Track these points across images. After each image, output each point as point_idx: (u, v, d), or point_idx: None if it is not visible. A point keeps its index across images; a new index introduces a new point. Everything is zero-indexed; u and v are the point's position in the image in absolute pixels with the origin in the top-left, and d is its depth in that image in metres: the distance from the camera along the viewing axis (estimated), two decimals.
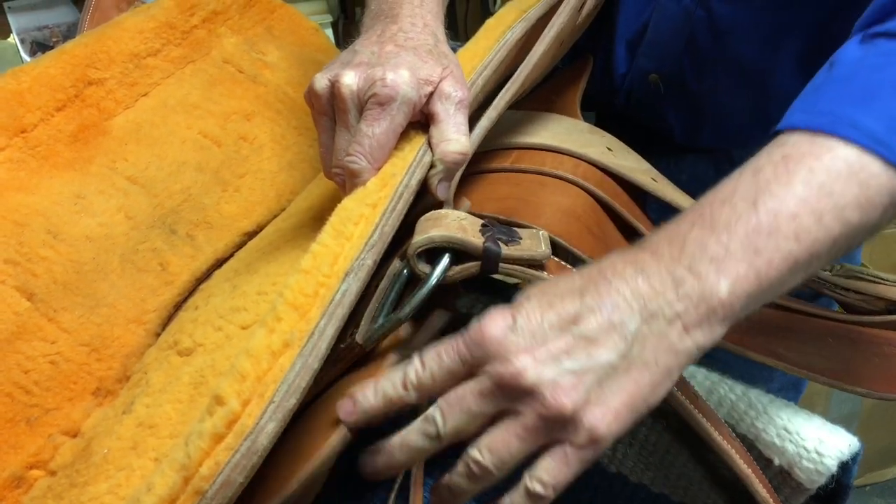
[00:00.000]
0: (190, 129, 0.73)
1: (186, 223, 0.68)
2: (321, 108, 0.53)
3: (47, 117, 0.68)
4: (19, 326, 0.58)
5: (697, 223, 0.44)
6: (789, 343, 0.61)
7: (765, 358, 0.58)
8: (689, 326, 0.43)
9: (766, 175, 0.45)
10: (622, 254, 0.45)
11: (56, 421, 0.57)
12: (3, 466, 0.54)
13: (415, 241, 0.45)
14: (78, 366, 0.59)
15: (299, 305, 0.40)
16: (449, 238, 0.45)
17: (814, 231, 0.44)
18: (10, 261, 0.60)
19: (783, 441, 0.53)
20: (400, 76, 0.51)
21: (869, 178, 0.44)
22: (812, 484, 0.53)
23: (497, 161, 0.67)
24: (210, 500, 0.36)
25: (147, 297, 0.63)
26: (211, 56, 0.80)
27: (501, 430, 0.42)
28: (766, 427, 0.54)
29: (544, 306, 0.42)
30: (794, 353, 0.60)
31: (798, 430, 0.53)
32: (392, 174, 0.49)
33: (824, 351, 0.62)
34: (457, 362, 0.43)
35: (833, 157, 0.45)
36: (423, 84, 0.52)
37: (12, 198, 0.63)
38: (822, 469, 0.52)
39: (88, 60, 0.72)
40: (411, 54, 0.53)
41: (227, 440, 0.37)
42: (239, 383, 0.38)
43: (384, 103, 0.50)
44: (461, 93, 0.53)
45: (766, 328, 0.62)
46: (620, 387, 0.42)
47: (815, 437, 0.53)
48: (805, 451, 0.52)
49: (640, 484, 0.56)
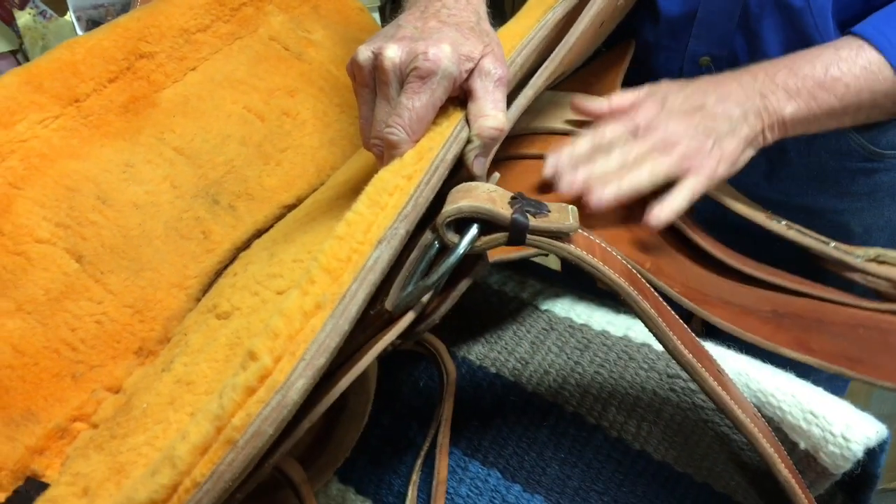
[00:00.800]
0: (235, 104, 0.75)
1: (229, 194, 0.70)
2: (363, 79, 0.55)
3: (100, 88, 0.70)
4: (68, 286, 0.61)
5: (788, 67, 0.69)
6: (821, 337, 0.61)
7: (795, 352, 0.58)
8: (765, 123, 0.68)
9: (842, 54, 0.69)
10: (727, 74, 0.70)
11: (99, 377, 0.59)
12: (49, 418, 0.56)
13: (444, 210, 0.46)
14: (122, 326, 0.61)
15: (332, 270, 0.42)
16: (478, 208, 0.46)
17: (852, 97, 0.69)
18: (61, 224, 0.63)
19: (809, 425, 0.53)
20: (442, 51, 0.52)
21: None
22: (837, 469, 0.53)
23: (536, 146, 0.68)
24: (241, 450, 0.38)
25: (189, 264, 0.65)
26: (258, 33, 0.82)
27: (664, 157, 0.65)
28: (791, 410, 0.54)
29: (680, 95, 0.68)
30: (825, 345, 0.59)
31: (825, 414, 0.53)
32: (429, 148, 0.50)
33: (855, 343, 0.61)
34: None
35: (883, 65, 0.68)
36: (464, 60, 0.53)
37: (65, 164, 0.66)
38: (848, 454, 0.52)
39: (140, 34, 0.74)
40: (454, 30, 0.54)
41: (258, 394, 0.38)
42: (272, 341, 0.39)
43: (425, 77, 0.51)
44: (500, 70, 0.54)
45: (798, 322, 0.62)
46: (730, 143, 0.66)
47: (842, 422, 0.52)
48: (831, 435, 0.52)
49: (663, 462, 0.56)
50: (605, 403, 0.58)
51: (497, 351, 0.62)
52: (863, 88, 0.69)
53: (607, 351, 0.59)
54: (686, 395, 0.56)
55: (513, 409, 0.59)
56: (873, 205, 0.87)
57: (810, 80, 0.68)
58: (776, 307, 0.63)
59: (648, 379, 0.57)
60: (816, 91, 0.68)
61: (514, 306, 0.64)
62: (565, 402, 0.58)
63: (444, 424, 0.57)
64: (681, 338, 0.49)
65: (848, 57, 0.69)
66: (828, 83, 0.68)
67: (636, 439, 0.57)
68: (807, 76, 0.68)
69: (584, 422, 0.58)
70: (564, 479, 0.57)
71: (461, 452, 0.59)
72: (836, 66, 0.68)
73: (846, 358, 0.58)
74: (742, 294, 0.64)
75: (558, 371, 0.59)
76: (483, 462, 0.58)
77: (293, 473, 0.53)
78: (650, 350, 0.59)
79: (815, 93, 0.68)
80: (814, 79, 0.68)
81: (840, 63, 0.69)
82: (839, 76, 0.68)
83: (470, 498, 0.58)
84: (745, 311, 0.60)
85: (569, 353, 0.60)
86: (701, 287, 0.62)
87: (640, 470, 0.56)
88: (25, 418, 0.56)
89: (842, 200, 0.88)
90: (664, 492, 0.56)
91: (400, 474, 0.60)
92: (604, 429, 0.57)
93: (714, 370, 0.50)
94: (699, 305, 0.57)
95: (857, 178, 0.87)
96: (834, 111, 0.69)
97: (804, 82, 0.68)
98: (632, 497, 0.56)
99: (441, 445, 0.57)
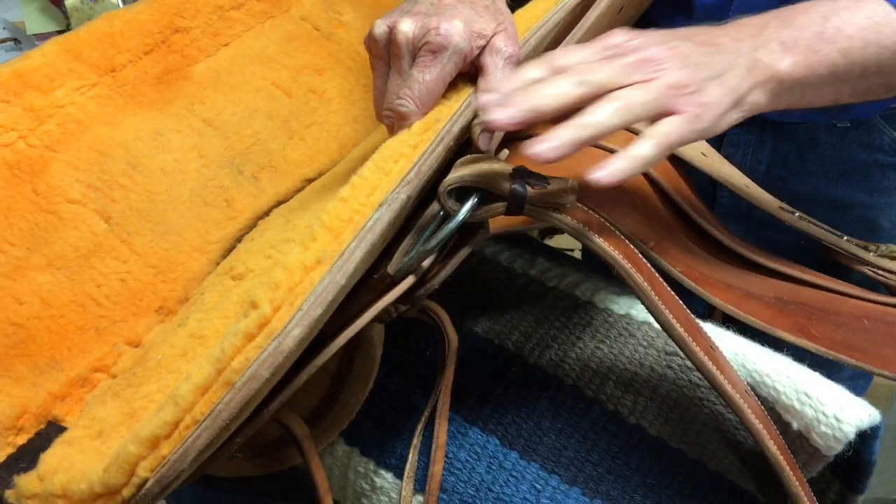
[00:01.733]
0: (264, 80, 0.78)
1: (253, 165, 0.72)
2: (378, 52, 0.57)
3: (136, 59, 0.74)
4: (96, 245, 0.64)
5: (778, 18, 0.58)
6: (823, 325, 0.61)
7: (795, 337, 0.59)
8: (757, 80, 0.55)
9: (841, 3, 0.58)
10: (717, 26, 0.58)
11: (121, 332, 0.62)
12: (72, 367, 0.59)
13: (447, 179, 0.48)
14: (145, 285, 0.64)
15: (334, 228, 0.44)
16: (478, 178, 0.48)
17: (857, 53, 0.57)
18: (92, 186, 0.66)
19: (802, 405, 0.54)
20: (454, 27, 0.53)
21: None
22: (829, 451, 0.54)
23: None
24: (238, 391, 0.40)
25: (211, 229, 0.68)
26: (290, 13, 0.84)
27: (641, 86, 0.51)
28: (786, 391, 0.54)
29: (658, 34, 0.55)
30: (827, 332, 0.60)
31: (818, 395, 0.54)
32: (437, 119, 0.52)
33: (858, 333, 0.62)
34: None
35: (889, 10, 0.58)
36: (476, 37, 0.54)
37: (99, 130, 0.69)
38: (840, 435, 0.53)
39: (177, 9, 0.77)
40: (468, 8, 0.55)
41: (257, 339, 0.41)
42: (273, 291, 0.42)
43: (436, 51, 0.53)
44: (512, 49, 0.56)
45: (802, 309, 0.63)
46: (715, 92, 0.53)
47: (834, 404, 0.53)
48: (823, 416, 0.53)
49: (658, 437, 0.57)
50: (604, 377, 0.59)
51: (502, 324, 0.63)
52: (869, 42, 0.57)
53: (608, 327, 0.61)
54: (683, 372, 0.58)
55: (514, 380, 0.61)
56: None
57: (808, 29, 0.57)
58: (780, 294, 0.63)
59: (647, 355, 0.59)
60: (816, 43, 0.57)
61: (521, 282, 0.66)
62: (565, 374, 0.60)
63: (443, 391, 0.59)
64: (674, 312, 0.50)
65: (847, 5, 0.59)
66: (828, 34, 0.57)
67: (632, 413, 0.58)
68: (803, 25, 0.57)
69: (582, 394, 0.59)
70: (560, 449, 0.58)
71: (462, 419, 0.61)
72: (835, 15, 0.58)
73: (846, 346, 0.58)
74: (747, 279, 0.65)
75: (560, 345, 0.61)
76: (483, 429, 0.60)
77: (297, 430, 0.55)
78: (650, 328, 0.60)
79: (815, 45, 0.57)
80: (812, 28, 0.57)
81: (840, 12, 0.58)
82: (840, 25, 0.57)
83: (468, 463, 0.59)
84: (747, 295, 0.61)
85: (571, 329, 0.61)
86: (704, 269, 0.63)
87: (634, 443, 0.58)
88: (50, 366, 0.59)
89: (871, 195, 0.88)
90: (658, 466, 0.57)
91: (403, 438, 0.62)
92: (601, 402, 0.59)
93: (706, 345, 0.51)
94: (700, 286, 0.58)
95: (887, 172, 0.87)
96: (836, 70, 0.57)
97: (801, 32, 0.57)
98: (625, 469, 0.57)
99: (441, 412, 0.58)
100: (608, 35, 0.55)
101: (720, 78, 0.53)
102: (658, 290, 0.50)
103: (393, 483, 0.61)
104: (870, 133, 0.84)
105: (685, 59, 0.52)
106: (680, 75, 0.51)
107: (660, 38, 0.54)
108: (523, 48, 0.58)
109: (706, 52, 0.54)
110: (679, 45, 0.53)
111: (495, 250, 0.68)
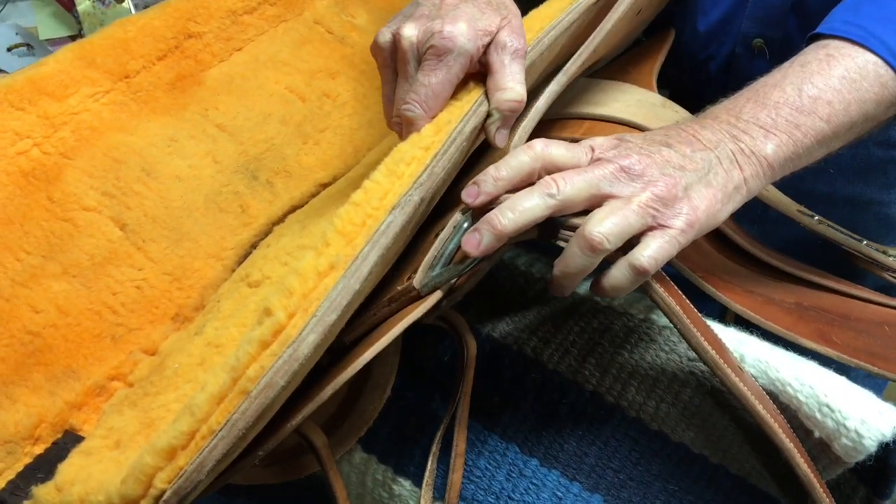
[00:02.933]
0: (278, 84, 0.78)
1: (267, 170, 0.72)
2: (384, 60, 0.56)
3: (149, 65, 0.73)
4: (111, 252, 0.64)
5: (752, 100, 0.56)
6: (845, 332, 0.60)
7: (816, 344, 0.58)
8: (745, 170, 0.53)
9: (811, 68, 0.57)
10: (691, 121, 0.57)
11: (137, 340, 0.62)
12: (88, 376, 0.59)
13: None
14: (161, 292, 0.64)
15: (347, 233, 0.43)
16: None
17: (841, 116, 0.56)
18: (107, 193, 0.66)
19: (824, 417, 0.53)
20: (457, 28, 0.53)
21: (887, 81, 0.58)
22: (850, 459, 0.53)
23: (569, 131, 0.68)
24: (253, 400, 0.40)
25: (226, 236, 0.68)
26: (303, 16, 0.84)
27: (615, 208, 0.49)
28: (808, 401, 0.53)
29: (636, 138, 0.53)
30: (848, 339, 0.59)
31: (840, 407, 0.53)
32: (447, 121, 0.51)
33: (879, 340, 0.61)
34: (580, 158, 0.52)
35: (865, 61, 0.57)
36: (481, 35, 0.54)
37: (113, 137, 0.69)
38: (861, 448, 0.52)
39: (190, 15, 0.77)
40: (471, 6, 0.55)
41: (272, 347, 0.40)
42: (287, 298, 0.41)
43: (441, 54, 0.53)
44: (517, 42, 0.55)
45: (822, 315, 0.62)
46: (703, 194, 0.52)
47: (857, 417, 0.52)
48: (845, 429, 0.52)
49: (680, 443, 0.56)
50: (625, 383, 0.58)
51: (520, 329, 0.63)
52: (850, 102, 0.56)
53: (629, 332, 0.60)
54: (706, 378, 0.57)
55: (533, 387, 0.60)
56: None
57: (784, 107, 0.55)
58: (801, 300, 0.62)
59: (669, 361, 0.58)
60: (796, 118, 0.55)
61: (539, 287, 0.65)
62: (585, 380, 0.59)
63: (463, 399, 0.58)
64: (705, 335, 0.50)
65: (820, 69, 0.57)
66: (806, 105, 0.55)
67: (654, 419, 0.57)
68: (778, 103, 0.55)
69: (603, 401, 0.58)
70: (581, 456, 0.57)
71: (481, 426, 0.60)
72: (809, 83, 0.56)
73: (868, 353, 0.57)
74: (767, 285, 0.64)
75: (579, 350, 0.60)
76: (502, 436, 0.59)
77: (315, 438, 0.55)
78: (672, 332, 0.59)
79: (796, 120, 0.55)
80: (789, 104, 0.55)
81: (814, 78, 0.56)
82: (817, 94, 0.56)
83: (488, 470, 0.59)
84: (768, 301, 0.60)
85: (590, 334, 0.60)
86: (724, 275, 0.62)
87: (656, 450, 0.57)
88: (66, 375, 0.59)
89: (889, 192, 0.87)
90: (679, 471, 0.56)
91: (421, 445, 0.61)
92: (623, 408, 0.58)
93: (734, 365, 0.50)
94: (721, 291, 0.57)
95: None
96: (824, 137, 0.56)
97: (778, 111, 0.55)
98: (647, 475, 0.56)
99: (460, 419, 0.58)
100: (590, 140, 0.54)
101: (706, 178, 0.52)
102: (687, 311, 0.50)
103: (411, 491, 0.60)
104: (884, 130, 0.83)
105: (665, 165, 0.51)
106: (662, 187, 0.50)
107: (640, 142, 0.53)
108: (535, 48, 0.57)
109: (686, 155, 0.52)
110: (659, 151, 0.52)
111: (512, 254, 0.67)
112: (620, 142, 0.53)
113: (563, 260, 0.50)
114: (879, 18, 0.58)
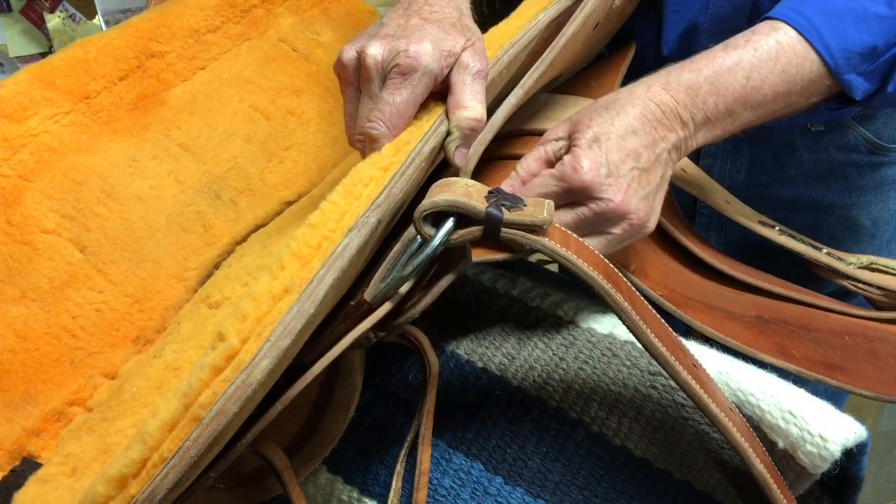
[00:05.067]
0: (241, 103, 0.77)
1: (231, 189, 0.72)
2: (347, 77, 0.56)
3: (110, 85, 0.73)
4: (71, 276, 0.63)
5: (710, 82, 0.63)
6: (804, 344, 0.61)
7: (775, 359, 0.58)
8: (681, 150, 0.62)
9: (755, 44, 0.64)
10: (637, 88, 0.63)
11: (97, 364, 0.61)
12: (47, 401, 0.58)
13: (421, 205, 0.47)
14: (121, 315, 0.63)
15: (302, 256, 0.43)
16: (453, 202, 0.47)
17: (769, 105, 0.64)
18: (66, 215, 0.65)
19: (787, 423, 0.53)
20: (423, 48, 0.53)
21: (811, 64, 0.64)
22: (815, 469, 0.53)
23: (528, 146, 0.69)
24: (205, 427, 0.39)
25: (189, 256, 0.67)
26: (267, 34, 0.84)
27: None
28: (770, 409, 0.54)
29: (614, 148, 0.59)
30: (807, 352, 0.59)
31: (803, 413, 0.53)
32: (407, 141, 0.51)
33: (839, 351, 0.61)
34: (556, 188, 0.58)
35: (805, 49, 0.64)
36: (446, 56, 0.54)
37: (73, 158, 0.68)
38: (826, 454, 0.52)
39: (151, 34, 0.76)
40: (435, 27, 0.55)
41: (224, 373, 0.40)
42: (240, 322, 0.41)
43: (406, 73, 0.53)
44: (479, 64, 0.55)
45: (782, 328, 0.62)
46: (659, 199, 0.61)
47: (819, 422, 0.52)
48: (809, 434, 0.52)
49: (643, 458, 0.56)
50: (588, 399, 0.58)
51: (485, 346, 0.63)
52: (779, 93, 0.64)
53: (591, 348, 0.60)
54: (667, 392, 0.57)
55: (497, 403, 0.60)
56: (880, 198, 0.88)
57: (731, 95, 0.63)
58: (762, 312, 0.63)
59: (630, 376, 0.58)
60: (736, 107, 0.63)
61: (503, 303, 0.65)
62: (549, 396, 0.59)
63: (426, 416, 0.58)
64: (655, 331, 0.49)
65: (767, 64, 0.64)
66: (750, 97, 0.63)
67: (617, 435, 0.57)
68: (728, 91, 0.63)
69: (566, 417, 0.58)
70: (545, 473, 0.57)
71: (446, 444, 0.60)
72: (756, 72, 0.63)
73: (827, 366, 0.58)
74: (728, 298, 0.64)
75: (543, 366, 0.60)
76: (467, 454, 0.59)
77: (276, 460, 0.54)
78: (633, 347, 0.59)
79: (735, 110, 0.63)
80: (734, 95, 0.63)
81: (760, 67, 0.63)
82: (759, 85, 0.63)
83: (453, 489, 0.58)
84: (728, 316, 0.60)
85: (554, 350, 0.60)
86: (685, 291, 0.62)
87: (619, 466, 0.57)
88: (24, 401, 0.58)
89: (850, 195, 0.89)
90: (644, 488, 0.56)
91: (386, 465, 0.61)
92: (586, 424, 0.58)
93: (689, 364, 0.50)
94: (681, 309, 0.57)
95: (863, 171, 0.88)
96: (749, 122, 0.65)
97: (725, 100, 0.63)
98: (611, 492, 0.56)
99: (423, 437, 0.57)
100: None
101: (656, 194, 0.60)
102: (639, 309, 0.49)
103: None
104: (844, 135, 0.85)
105: (636, 190, 0.58)
106: (639, 218, 0.58)
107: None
108: (495, 66, 0.57)
109: (648, 161, 0.60)
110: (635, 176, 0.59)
111: (477, 271, 0.67)
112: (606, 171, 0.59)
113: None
114: (823, 12, 0.64)
